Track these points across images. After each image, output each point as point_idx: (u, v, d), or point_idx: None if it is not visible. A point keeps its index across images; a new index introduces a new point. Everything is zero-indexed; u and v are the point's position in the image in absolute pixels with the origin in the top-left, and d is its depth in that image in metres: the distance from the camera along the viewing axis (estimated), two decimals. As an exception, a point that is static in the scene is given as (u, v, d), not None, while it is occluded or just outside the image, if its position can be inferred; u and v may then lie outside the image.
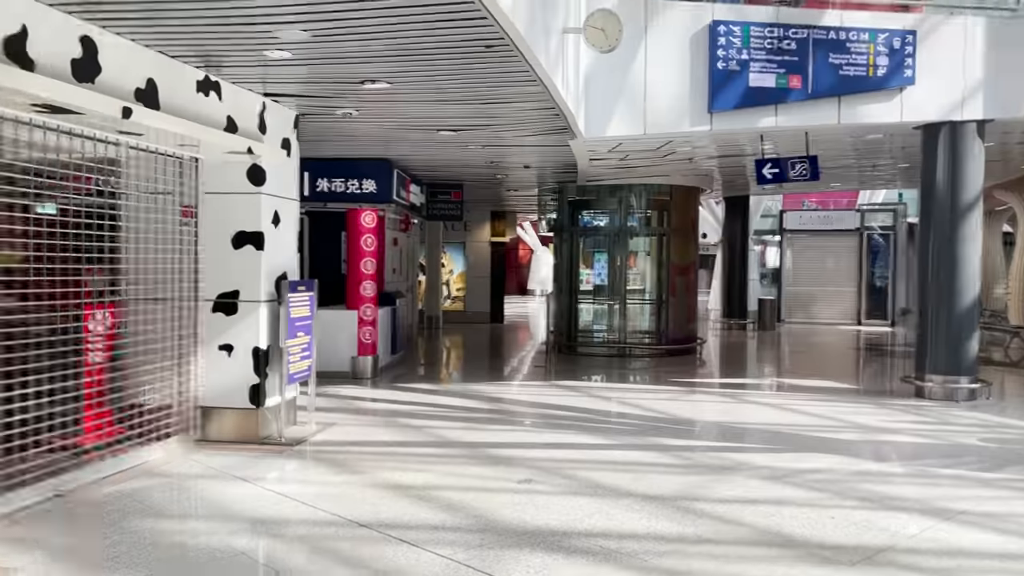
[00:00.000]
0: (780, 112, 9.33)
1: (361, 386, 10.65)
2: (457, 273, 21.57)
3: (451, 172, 13.05)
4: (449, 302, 21.41)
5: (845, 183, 18.62)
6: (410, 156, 11.07)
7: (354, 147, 10.35)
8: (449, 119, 8.20)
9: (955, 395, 9.68)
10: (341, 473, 6.30)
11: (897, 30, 9.36)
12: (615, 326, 14.61)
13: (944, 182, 9.78)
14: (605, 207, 14.88)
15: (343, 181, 10.93)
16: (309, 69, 6.24)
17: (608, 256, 15.27)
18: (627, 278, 14.43)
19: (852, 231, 22.29)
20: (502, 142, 9.77)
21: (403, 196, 11.83)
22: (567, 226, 14.77)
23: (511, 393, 10.35)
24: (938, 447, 7.33)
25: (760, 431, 8.08)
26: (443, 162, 11.69)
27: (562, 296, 14.84)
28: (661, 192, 14.44)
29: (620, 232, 14.35)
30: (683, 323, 14.70)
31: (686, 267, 14.72)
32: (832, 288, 22.44)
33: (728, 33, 9.09)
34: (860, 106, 9.44)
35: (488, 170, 12.51)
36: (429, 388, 10.60)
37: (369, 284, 11.24)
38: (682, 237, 14.60)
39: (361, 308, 11.21)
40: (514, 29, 5.01)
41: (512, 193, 16.82)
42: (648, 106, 9.23)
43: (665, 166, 12.86)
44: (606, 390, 10.78)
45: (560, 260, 14.95)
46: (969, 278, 9.75)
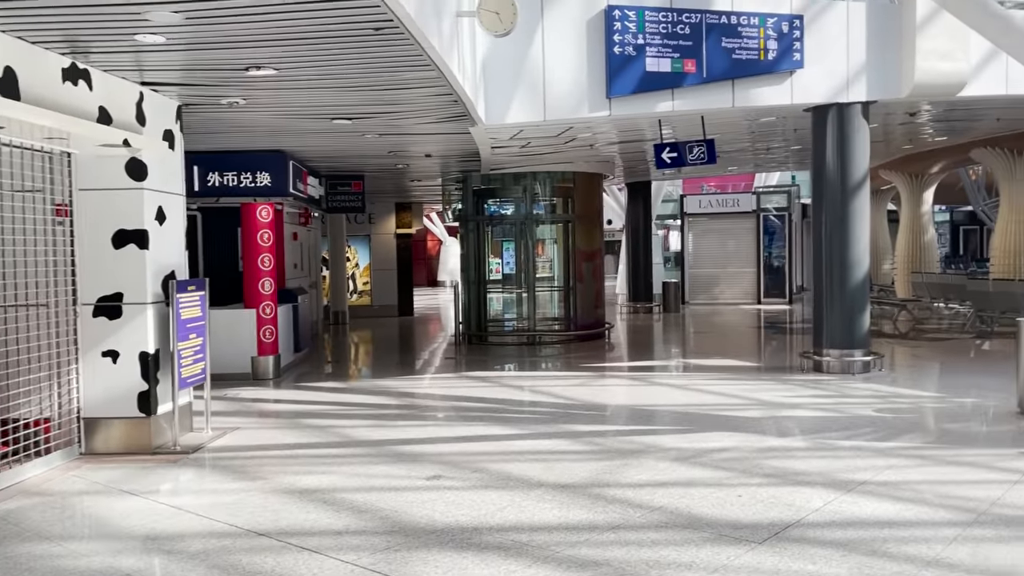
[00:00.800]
0: (677, 96, 9.41)
1: (263, 387, 10.25)
2: (363, 267, 21.13)
3: (350, 162, 12.69)
4: (355, 296, 20.97)
5: (741, 166, 19.14)
6: (306, 147, 10.68)
7: (246, 139, 9.91)
8: (343, 106, 7.91)
9: (851, 368, 10.03)
10: (240, 480, 5.99)
11: (785, 14, 9.57)
12: (524, 314, 14.57)
13: (833, 162, 10.09)
14: (510, 195, 14.80)
15: (236, 175, 10.46)
16: (188, 55, 5.87)
17: (515, 244, 15.22)
18: (535, 266, 14.40)
19: (749, 213, 22.92)
20: (400, 130, 9.52)
21: (300, 189, 11.42)
22: (472, 215, 14.63)
23: (420, 387, 10.16)
24: (837, 420, 7.55)
25: (668, 412, 8.15)
26: (341, 152, 11.34)
27: (470, 286, 14.70)
28: (565, 179, 14.46)
29: (526, 220, 14.30)
30: (591, 308, 14.79)
31: (592, 253, 14.81)
32: (732, 269, 23.05)
33: (623, 18, 9.10)
34: (753, 89, 9.63)
35: (389, 160, 12.22)
36: (335, 386, 10.29)
37: (267, 281, 10.82)
38: (587, 223, 14.67)
39: (260, 306, 10.78)
40: (403, 10, 4.81)
41: (416, 184, 16.54)
42: (547, 92, 9.16)
43: (568, 152, 12.86)
44: (517, 379, 10.71)
45: (467, 250, 14.80)
46: (860, 255, 10.10)
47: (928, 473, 5.75)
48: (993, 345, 12.82)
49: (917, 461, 6.05)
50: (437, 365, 12.29)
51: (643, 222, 20.94)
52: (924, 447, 6.50)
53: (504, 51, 8.91)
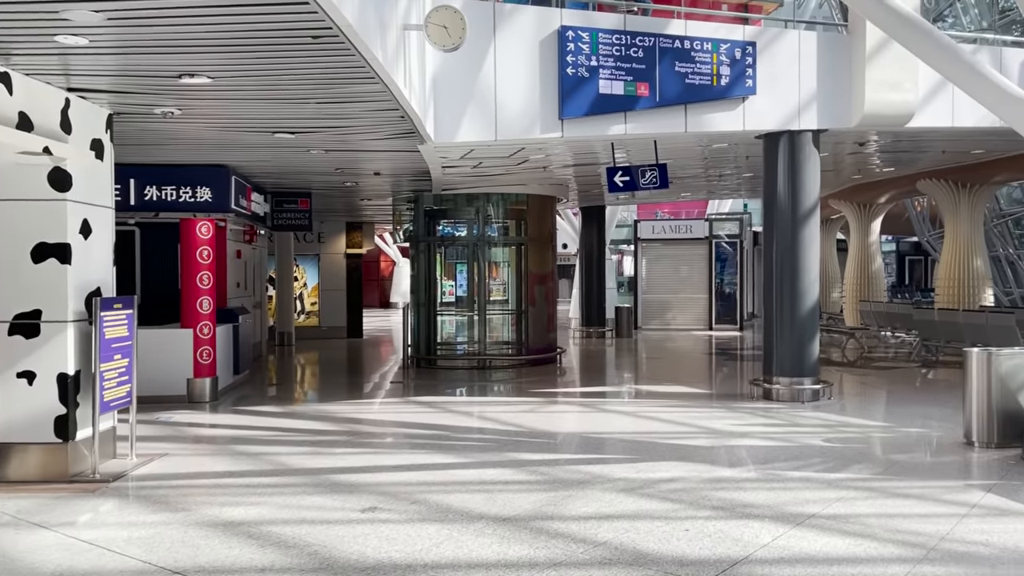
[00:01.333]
0: (630, 120, 9.32)
1: (198, 411, 9.81)
2: (311, 287, 20.69)
3: (297, 179, 12.36)
4: (303, 317, 20.49)
5: (694, 192, 19.23)
6: (249, 162, 10.35)
7: (186, 151, 9.55)
8: (284, 120, 7.62)
9: (800, 396, 9.97)
10: (162, 511, 5.61)
11: (738, 41, 9.58)
12: (475, 338, 14.32)
13: (785, 190, 10.09)
14: (462, 216, 14.59)
15: (175, 189, 10.07)
16: (116, 60, 5.56)
17: (467, 266, 14.99)
18: (487, 289, 14.19)
19: (702, 239, 23.06)
20: (347, 146, 9.25)
21: (243, 205, 11.06)
22: (423, 236, 14.38)
23: (364, 413, 9.81)
24: (787, 449, 7.43)
25: (617, 441, 7.95)
26: (286, 168, 11.02)
27: (420, 309, 14.41)
28: (518, 201, 14.31)
29: (478, 242, 14.10)
30: (543, 333, 14.60)
31: (544, 276, 14.65)
32: (685, 295, 23.12)
33: (577, 39, 9.00)
34: (706, 115, 9.59)
35: (337, 177, 11.93)
36: (274, 410, 9.89)
37: (206, 300, 10.40)
38: (540, 246, 14.52)
39: (198, 326, 10.36)
40: (342, 18, 4.59)
41: (367, 203, 16.25)
42: (499, 111, 8.99)
43: (521, 174, 12.72)
44: (465, 404, 10.43)
45: (417, 271, 14.53)
46: (809, 283, 10.08)
47: (877, 506, 5.62)
48: (938, 374, 12.94)
49: (866, 493, 5.93)
50: (384, 389, 11.95)
51: (597, 246, 20.89)
52: (873, 479, 6.39)
53: (455, 68, 8.73)
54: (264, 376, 13.32)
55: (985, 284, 15.73)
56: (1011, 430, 7.25)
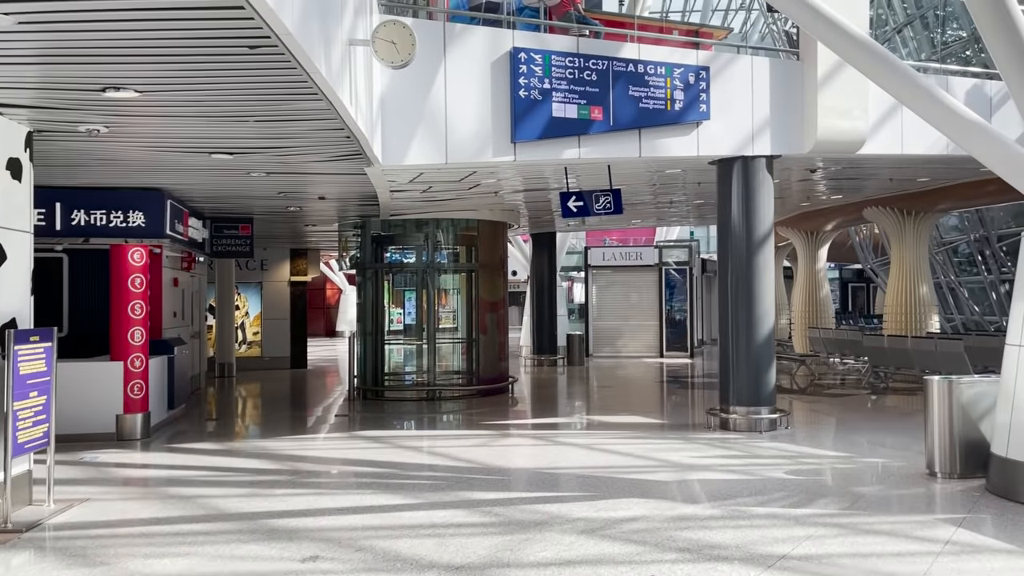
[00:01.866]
0: (583, 144, 9.11)
1: (128, 450, 9.18)
2: (253, 316, 20.00)
3: (237, 204, 11.85)
4: (244, 347, 19.77)
5: (644, 219, 19.18)
6: (186, 185, 9.83)
7: (117, 174, 9.00)
8: (222, 139, 7.19)
9: (757, 426, 9.78)
10: (79, 565, 5.08)
11: (692, 65, 9.47)
12: (424, 368, 13.89)
13: (739, 215, 9.97)
14: (411, 242, 14.21)
15: (105, 213, 9.49)
16: (32, 70, 5.10)
17: (416, 294, 14.60)
18: (436, 317, 13.78)
19: (652, 266, 23.03)
20: (289, 168, 8.83)
21: (180, 231, 10.51)
22: (371, 263, 13.94)
23: (307, 449, 9.29)
24: (749, 483, 7.18)
25: (574, 476, 7.61)
26: (226, 192, 10.52)
27: (367, 338, 13.93)
28: (468, 227, 14.00)
29: (428, 269, 13.72)
30: (494, 362, 14.23)
31: (496, 303, 14.32)
32: (636, 322, 23.03)
33: (529, 61, 8.77)
34: (660, 140, 9.43)
35: (279, 202, 11.46)
36: (211, 448, 9.31)
37: (138, 331, 9.81)
38: (491, 273, 14.20)
39: (128, 358, 9.74)
40: (281, 25, 4.23)
41: (312, 228, 15.75)
42: (450, 134, 8.69)
43: (472, 199, 12.42)
44: (414, 439, 9.98)
45: (364, 299, 14.07)
46: (766, 310, 9.94)
47: (848, 544, 5.38)
48: (889, 400, 12.94)
49: (835, 530, 5.68)
50: (328, 423, 11.43)
51: (548, 273, 20.68)
52: (840, 513, 6.16)
53: (404, 88, 8.42)
54: (202, 410, 12.66)
55: (931, 311, 15.90)
56: (974, 460, 7.12)
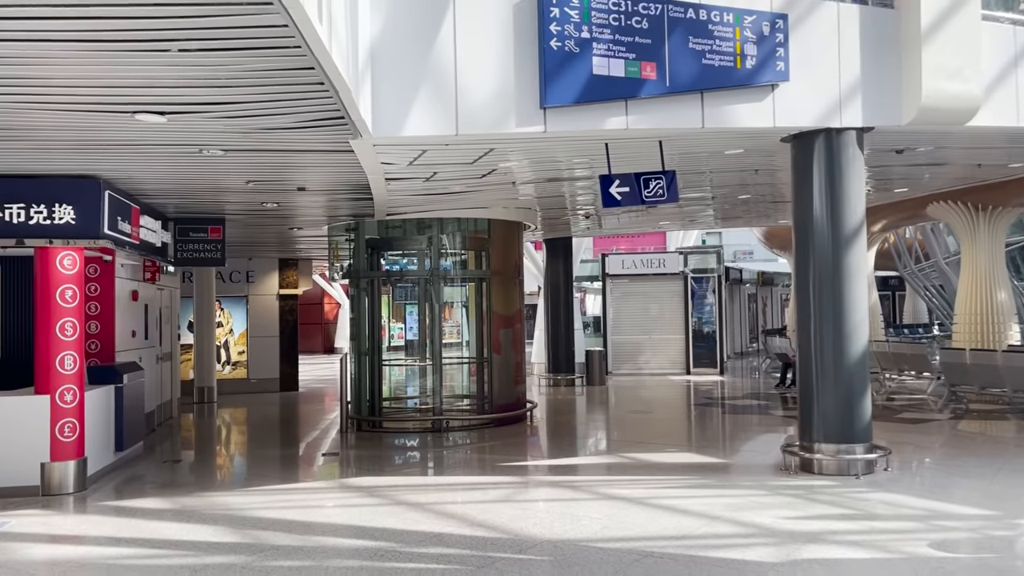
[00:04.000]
0: (632, 110, 7.10)
1: (51, 510, 7.13)
2: (238, 333, 17.97)
3: (201, 200, 9.82)
4: (229, 368, 17.73)
5: (672, 220, 17.10)
6: (128, 171, 7.81)
7: (36, 156, 7.02)
8: (143, 87, 5.13)
9: (851, 468, 7.74)
10: None
11: (765, 12, 7.47)
12: (428, 393, 11.85)
13: (822, 205, 7.95)
14: (412, 247, 12.21)
15: (23, 208, 7.46)
16: None
17: (417, 307, 12.61)
18: (441, 333, 11.74)
19: (676, 275, 21.05)
20: (252, 142, 6.80)
21: (125, 231, 8.47)
22: (365, 271, 11.92)
23: (281, 508, 7.23)
24: (893, 566, 5.11)
25: (635, 553, 5.54)
26: (182, 182, 8.50)
27: (362, 358, 11.90)
28: (479, 228, 11.99)
29: (431, 277, 11.69)
30: (509, 385, 12.18)
31: (511, 318, 12.28)
32: (658, 336, 21.03)
33: (562, 3, 6.77)
34: (726, 106, 7.42)
35: (251, 196, 9.45)
36: (157, 508, 7.24)
37: (69, 356, 7.78)
38: (505, 282, 12.17)
39: (57, 392, 7.71)
40: None
41: (299, 234, 13.74)
42: (461, 97, 6.69)
43: (484, 193, 10.41)
44: (417, 489, 7.90)
45: (358, 314, 12.04)
46: (858, 322, 7.90)
47: None
48: (975, 425, 10.87)
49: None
50: (313, 468, 9.37)
51: (564, 283, 18.66)
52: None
53: (401, 36, 6.43)
54: (164, 449, 10.61)
55: (1010, 319, 13.85)
56: None
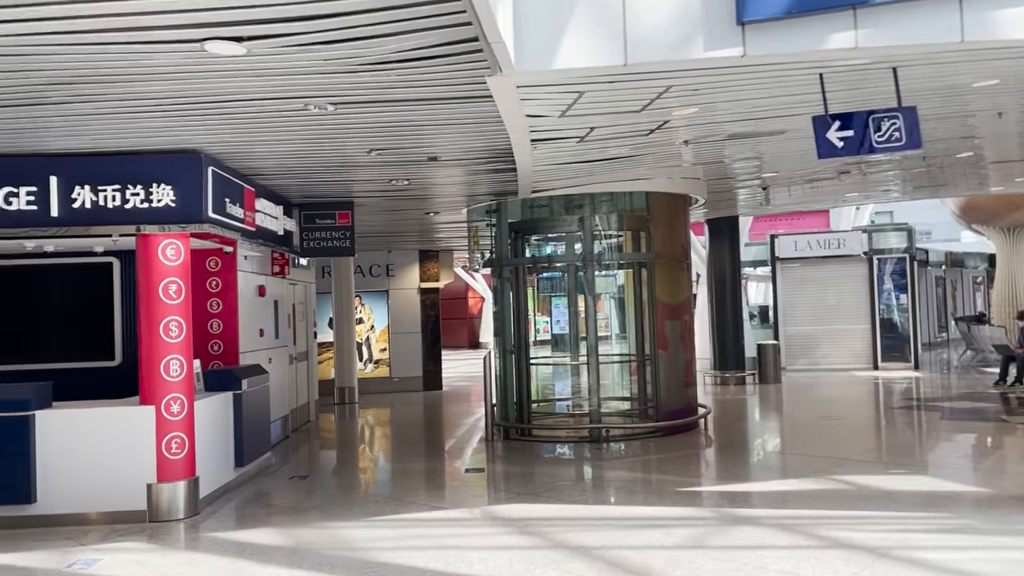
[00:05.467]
0: (863, 21, 5.18)
1: (154, 542, 6.08)
2: (380, 330, 17.09)
3: (323, 180, 8.61)
4: (371, 367, 16.88)
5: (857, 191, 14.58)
6: (232, 142, 6.64)
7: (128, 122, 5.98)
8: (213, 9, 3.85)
9: None
10: None
11: None
12: (584, 397, 10.27)
13: None
14: (561, 228, 10.65)
15: (119, 189, 6.48)
16: None
17: (568, 298, 11.09)
18: (597, 328, 10.10)
19: (858, 257, 18.46)
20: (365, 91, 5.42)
21: (235, 215, 7.37)
22: (507, 259, 10.48)
23: (411, 550, 5.84)
24: None
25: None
26: (295, 154, 7.28)
27: (507, 357, 10.47)
28: (638, 205, 10.26)
29: (584, 263, 10.07)
30: (679, 388, 10.38)
31: (678, 307, 10.47)
32: (839, 327, 18.55)
33: None
34: (996, 11, 5.35)
35: (378, 170, 8.15)
36: (271, 544, 6.02)
37: (176, 360, 6.74)
38: (671, 266, 10.38)
39: (163, 402, 6.69)
40: None
41: (437, 221, 12.51)
42: (631, 14, 5.02)
43: (646, 159, 8.69)
44: (579, 526, 6.30)
45: (502, 307, 10.63)
46: None
47: None
48: None
49: None
50: (456, 487, 7.99)
51: (731, 269, 16.55)
52: None
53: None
54: (295, 460, 9.61)
55: None
56: None
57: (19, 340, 8.87)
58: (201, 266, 9.15)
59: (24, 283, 8.84)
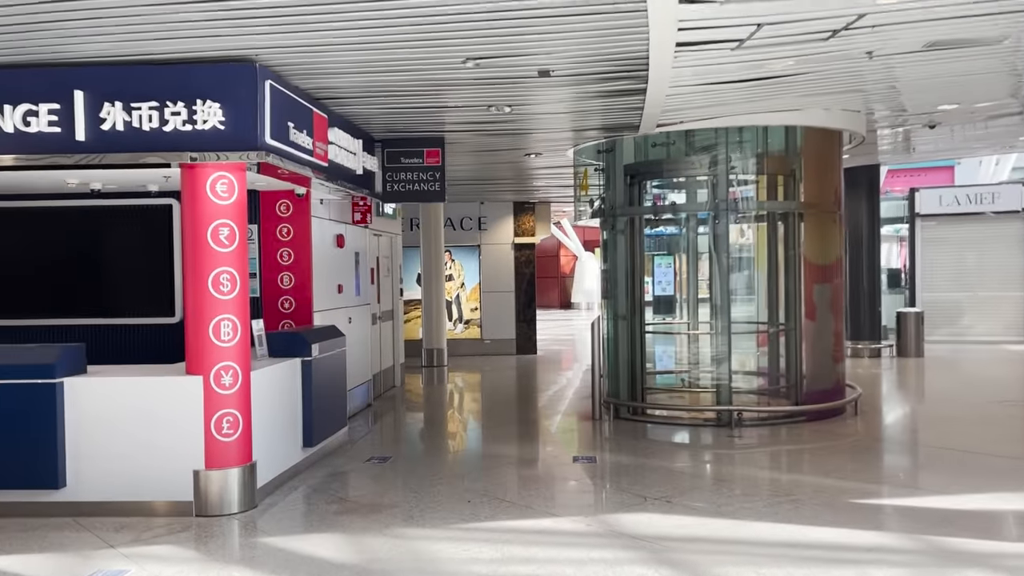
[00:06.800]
0: None
1: (195, 548, 4.90)
2: (471, 288, 15.80)
3: (409, 107, 7.13)
4: (461, 327, 15.64)
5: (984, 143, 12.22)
6: (294, 45, 5.25)
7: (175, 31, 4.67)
8: None
9: None
10: None
11: None
12: (712, 374, 8.68)
13: None
14: (688, 171, 8.96)
15: (157, 108, 5.21)
16: None
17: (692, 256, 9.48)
18: (729, 292, 8.44)
19: (1014, 213, 16.07)
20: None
21: (301, 144, 5.99)
22: (622, 208, 8.89)
23: (519, 569, 4.45)
24: None
25: None
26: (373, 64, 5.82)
27: (618, 323, 8.95)
28: (784, 143, 8.49)
29: (718, 214, 8.39)
30: (826, 363, 8.66)
31: (828, 268, 8.70)
32: (988, 293, 16.26)
33: None
34: None
35: (475, 91, 6.63)
36: (335, 559, 4.74)
37: (227, 321, 5.50)
38: (822, 219, 8.59)
39: (212, 371, 5.46)
40: None
41: (537, 164, 10.97)
42: None
43: (805, 84, 6.91)
44: (734, 554, 4.76)
45: (612, 264, 9.08)
46: None
47: None
48: None
49: None
50: (558, 483, 6.55)
51: (868, 225, 14.46)
52: None
53: None
54: (375, 434, 8.40)
55: None
56: None
57: (66, 292, 7.87)
58: (270, 211, 7.94)
59: (69, 227, 7.81)
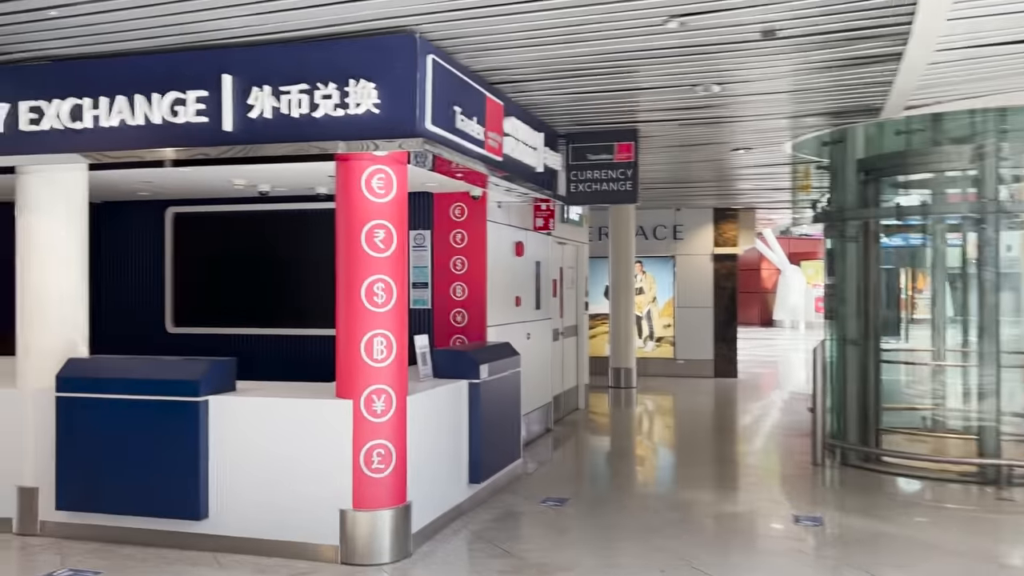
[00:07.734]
0: None
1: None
2: (663, 302, 14.51)
3: (598, 91, 6.08)
4: (651, 345, 14.40)
5: None
6: (479, 24, 4.37)
7: None
8: None
9: None
10: None
11: None
12: (969, 414, 6.93)
13: None
14: (940, 164, 7.26)
15: (307, 91, 4.50)
16: None
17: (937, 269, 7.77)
18: (997, 313, 6.66)
19: None
20: None
21: (469, 132, 5.11)
22: (853, 209, 7.35)
23: None
24: None
25: None
26: (559, 36, 4.84)
27: (847, 348, 7.40)
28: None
29: (983, 215, 6.65)
30: None
31: None
32: None
33: None
34: None
35: (676, 64, 5.47)
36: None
37: (381, 337, 4.71)
38: None
39: (363, 396, 4.70)
40: None
41: (745, 163, 9.58)
42: None
43: None
44: None
45: (842, 277, 7.54)
46: None
47: None
48: None
49: None
50: (777, 549, 5.22)
51: None
52: None
53: None
54: (553, 466, 7.42)
55: None
56: None
57: (243, 301, 7.57)
58: (444, 214, 7.21)
59: (245, 233, 7.50)
